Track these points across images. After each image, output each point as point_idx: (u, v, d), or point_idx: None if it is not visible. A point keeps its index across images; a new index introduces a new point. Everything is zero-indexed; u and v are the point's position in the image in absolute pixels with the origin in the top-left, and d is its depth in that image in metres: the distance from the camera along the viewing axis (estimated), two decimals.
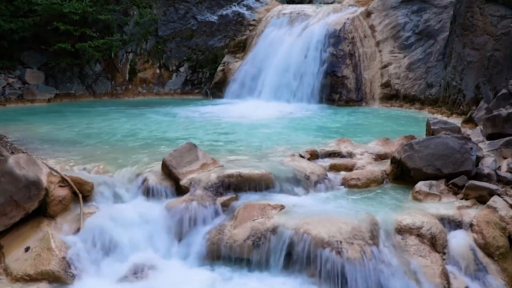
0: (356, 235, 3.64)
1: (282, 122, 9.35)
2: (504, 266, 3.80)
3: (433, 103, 11.03)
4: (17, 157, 4.31)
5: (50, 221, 4.17)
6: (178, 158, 4.80)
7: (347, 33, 13.02)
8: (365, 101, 12.37)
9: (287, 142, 6.85)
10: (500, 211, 3.99)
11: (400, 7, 12.67)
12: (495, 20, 8.89)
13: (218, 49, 15.11)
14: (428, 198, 4.40)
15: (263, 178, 4.62)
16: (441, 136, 4.92)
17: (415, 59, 11.96)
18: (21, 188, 4.04)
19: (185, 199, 4.36)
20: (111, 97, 14.29)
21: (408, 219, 3.86)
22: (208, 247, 4.02)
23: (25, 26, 12.45)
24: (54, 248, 3.86)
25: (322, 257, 3.56)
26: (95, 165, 5.12)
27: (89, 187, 4.41)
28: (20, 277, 3.71)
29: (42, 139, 6.97)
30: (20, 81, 12.81)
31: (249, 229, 3.94)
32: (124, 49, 14.58)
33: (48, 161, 5.07)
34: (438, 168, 4.68)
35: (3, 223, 4.00)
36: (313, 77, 12.71)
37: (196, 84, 15.21)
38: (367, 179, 4.97)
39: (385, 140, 6.14)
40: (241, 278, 3.76)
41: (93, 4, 13.01)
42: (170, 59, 15.08)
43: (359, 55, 12.78)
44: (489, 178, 4.58)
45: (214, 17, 15.24)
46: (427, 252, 3.68)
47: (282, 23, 14.29)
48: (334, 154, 5.83)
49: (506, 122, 5.72)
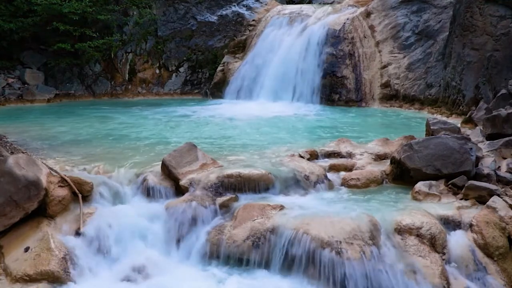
0: (356, 235, 3.64)
1: (282, 122, 9.35)
2: (503, 266, 3.80)
3: (432, 103, 11.03)
4: (17, 157, 4.31)
5: (49, 221, 4.17)
6: (178, 158, 4.80)
7: (347, 33, 13.02)
8: (365, 101, 12.37)
9: (287, 142, 6.85)
10: (499, 211, 4.00)
11: (400, 7, 12.67)
12: (494, 20, 8.89)
13: (217, 49, 15.11)
14: (428, 198, 4.41)
15: (263, 178, 4.62)
16: (440, 136, 4.93)
17: (414, 59, 11.96)
18: (21, 188, 4.04)
19: (185, 199, 4.36)
20: (111, 97, 14.28)
21: (407, 219, 3.86)
22: (207, 247, 4.02)
23: (24, 26, 12.44)
24: (53, 248, 3.86)
25: (321, 258, 3.56)
26: (95, 165, 5.12)
27: (89, 187, 4.41)
28: (19, 277, 3.70)
29: (42, 139, 6.97)
30: (20, 81, 12.80)
31: (248, 229, 3.94)
32: (124, 49, 14.57)
33: (47, 161, 5.07)
34: (437, 168, 4.68)
35: (3, 223, 4.00)
36: (312, 77, 12.70)
37: (196, 84, 15.20)
38: (367, 179, 4.98)
39: (384, 140, 6.14)
40: (241, 278, 3.76)
41: (92, 4, 12.99)
42: (170, 59, 15.07)
43: (359, 55, 12.78)
44: (489, 178, 4.58)
45: (214, 17, 15.24)
46: (427, 252, 3.68)
47: (281, 23, 14.28)
48: (334, 154, 5.84)
49: (505, 122, 5.72)
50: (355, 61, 12.74)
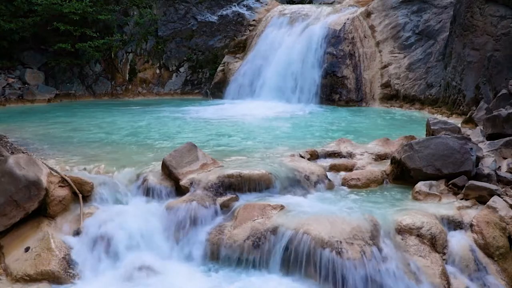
0: (356, 235, 3.64)
1: (282, 122, 9.35)
2: (504, 266, 3.80)
3: (433, 103, 11.03)
4: (17, 157, 4.31)
5: (50, 221, 4.17)
6: (178, 158, 4.80)
7: (347, 33, 13.02)
8: (365, 101, 12.37)
9: (287, 142, 6.85)
10: (500, 211, 3.99)
11: (400, 7, 12.67)
12: (495, 20, 8.89)
13: (218, 49, 15.11)
14: (428, 198, 4.41)
15: (263, 178, 4.62)
16: (441, 136, 4.92)
17: (415, 59, 11.96)
18: (21, 188, 4.04)
19: (185, 199, 4.36)
20: (111, 97, 14.28)
21: (408, 219, 3.86)
22: (208, 247, 4.02)
23: (25, 26, 12.45)
24: (54, 248, 3.86)
25: (322, 258, 3.56)
26: (95, 165, 5.13)
27: (89, 187, 4.41)
28: (20, 277, 3.71)
29: (42, 139, 6.97)
30: (20, 81, 12.81)
31: (249, 229, 3.94)
32: (124, 49, 14.57)
33: (48, 161, 5.08)
34: (438, 168, 4.68)
35: (3, 223, 4.00)
36: (313, 77, 12.71)
37: (196, 84, 15.21)
38: (367, 179, 4.98)
39: (385, 140, 6.14)
40: (241, 278, 3.76)
41: (93, 4, 13.00)
42: (170, 59, 15.07)
43: (359, 55, 12.78)
44: (489, 178, 4.58)
45: (214, 17, 15.24)
46: (427, 252, 3.68)
47: (282, 23, 14.28)
48: (334, 154, 5.83)
49: (506, 122, 5.72)
50: (356, 61, 12.74)
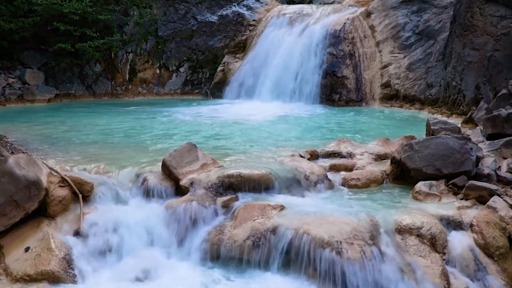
0: (356, 235, 3.64)
1: (282, 122, 9.35)
2: (504, 266, 3.80)
3: (433, 103, 11.03)
4: (17, 157, 4.31)
5: (50, 221, 4.17)
6: (178, 158, 4.80)
7: (347, 33, 13.01)
8: (365, 101, 12.37)
9: (287, 142, 6.85)
10: (500, 211, 3.99)
11: (400, 7, 12.67)
12: (495, 20, 8.89)
13: (218, 49, 15.10)
14: (428, 198, 4.41)
15: (263, 178, 4.62)
16: (441, 136, 4.92)
17: (415, 59, 11.95)
18: (21, 188, 4.04)
19: (185, 199, 4.36)
20: (111, 97, 14.28)
21: (408, 219, 3.86)
22: (208, 247, 4.02)
23: (25, 26, 12.45)
24: (54, 248, 3.86)
25: (322, 257, 3.56)
26: (95, 165, 5.12)
27: (89, 187, 4.41)
28: (20, 277, 3.71)
29: (42, 139, 6.97)
30: (20, 81, 12.81)
31: (249, 229, 3.94)
32: (124, 49, 14.57)
33: (48, 161, 5.07)
34: (438, 168, 4.68)
35: (3, 223, 4.00)
36: (313, 77, 12.70)
37: (196, 84, 15.20)
38: (367, 179, 4.98)
39: (385, 140, 6.14)
40: (241, 278, 3.77)
41: (93, 4, 13.00)
42: (170, 59, 15.07)
43: (359, 55, 12.77)
44: (489, 178, 4.58)
45: (214, 17, 15.24)
46: (427, 252, 3.68)
47: (282, 23, 14.28)
48: (334, 154, 5.83)
49: (506, 122, 5.72)
50: (356, 61, 12.74)
